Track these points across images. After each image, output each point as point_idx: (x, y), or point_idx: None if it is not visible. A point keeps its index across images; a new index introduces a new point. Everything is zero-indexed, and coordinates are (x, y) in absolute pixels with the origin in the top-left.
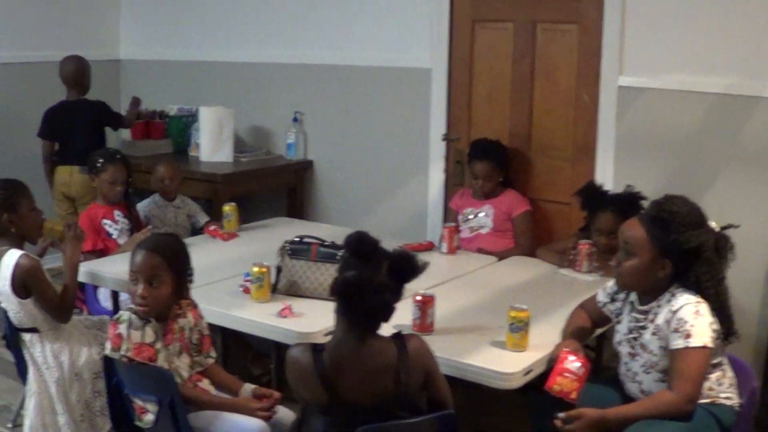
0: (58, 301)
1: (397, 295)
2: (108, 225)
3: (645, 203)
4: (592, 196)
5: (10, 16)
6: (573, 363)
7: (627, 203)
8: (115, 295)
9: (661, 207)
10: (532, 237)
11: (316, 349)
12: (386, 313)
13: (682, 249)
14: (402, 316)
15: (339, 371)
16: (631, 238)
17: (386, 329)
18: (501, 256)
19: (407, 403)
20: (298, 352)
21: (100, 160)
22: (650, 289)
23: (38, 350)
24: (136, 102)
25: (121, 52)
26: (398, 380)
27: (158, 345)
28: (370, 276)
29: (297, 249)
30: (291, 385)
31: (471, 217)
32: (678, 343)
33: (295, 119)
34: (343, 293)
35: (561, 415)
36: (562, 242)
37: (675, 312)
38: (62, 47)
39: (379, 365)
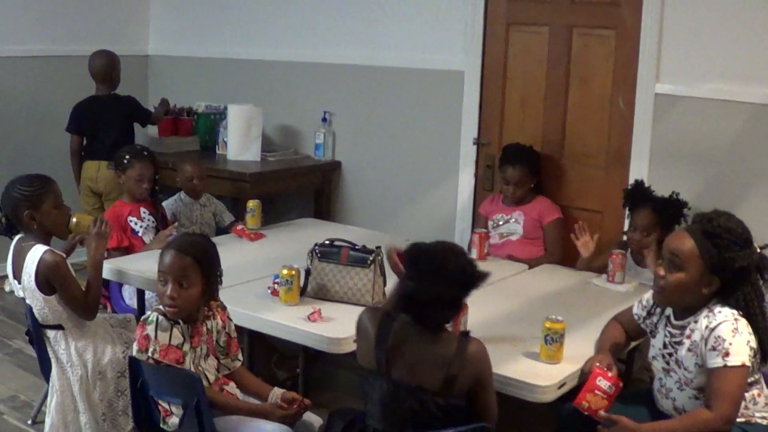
0: (83, 298)
1: (458, 307)
2: (134, 222)
3: (687, 212)
4: (637, 193)
5: (40, 9)
6: (604, 381)
7: (669, 206)
8: (140, 294)
9: (714, 222)
10: (563, 245)
11: (386, 316)
12: (444, 322)
13: (733, 267)
14: None
15: (397, 348)
16: (679, 251)
17: None
18: (531, 263)
19: (448, 399)
20: (367, 317)
21: (127, 157)
22: (690, 305)
23: (62, 348)
24: (164, 103)
25: (149, 48)
26: (448, 374)
27: (186, 347)
28: (430, 291)
29: (327, 252)
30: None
31: (501, 223)
32: (716, 361)
33: (324, 119)
34: (403, 308)
35: (603, 414)
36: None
37: (713, 329)
38: (91, 42)
39: (436, 355)
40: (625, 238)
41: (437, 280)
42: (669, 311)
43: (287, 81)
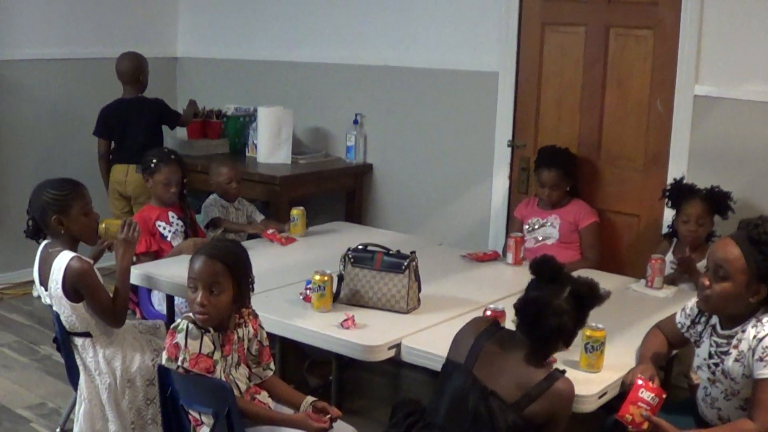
0: (110, 305)
1: (578, 322)
2: (162, 227)
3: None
4: (680, 189)
5: (68, 12)
6: (647, 393)
7: (716, 195)
8: (170, 299)
9: (759, 229)
10: (600, 249)
11: (495, 324)
12: (565, 337)
13: None
14: None
15: (492, 350)
16: (725, 260)
17: None
18: (568, 268)
19: (515, 417)
20: (480, 320)
21: (154, 161)
22: (737, 315)
23: (90, 355)
24: (193, 104)
25: (178, 50)
26: (526, 395)
27: (216, 356)
28: (550, 298)
29: (360, 257)
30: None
31: (537, 227)
32: (763, 372)
33: (356, 121)
34: (522, 311)
35: (645, 414)
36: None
37: (761, 339)
38: (119, 44)
39: (524, 372)
40: (671, 253)
41: (563, 288)
42: (715, 320)
43: (318, 83)
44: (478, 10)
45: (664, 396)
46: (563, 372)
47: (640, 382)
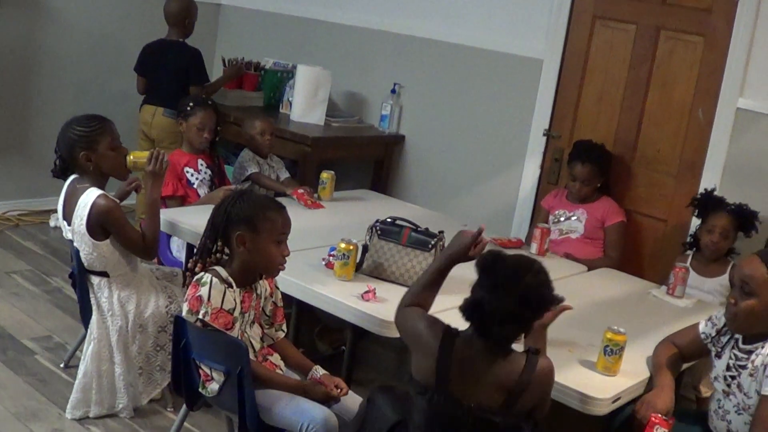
0: (140, 239)
1: (525, 326)
2: (190, 173)
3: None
4: (709, 200)
5: None
6: (661, 429)
7: (744, 212)
8: (189, 248)
9: None
10: (623, 250)
11: (449, 330)
12: (509, 341)
13: None
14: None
15: (460, 365)
16: (751, 277)
17: None
18: (588, 265)
19: (507, 418)
20: (427, 330)
21: (191, 104)
22: (763, 331)
23: (105, 296)
24: (237, 68)
25: None
26: (512, 392)
27: (236, 312)
28: (497, 304)
29: (388, 230)
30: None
31: (562, 219)
32: None
33: (394, 91)
34: (468, 316)
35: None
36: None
37: None
38: None
39: (501, 372)
40: (687, 251)
41: (510, 294)
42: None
43: (360, 47)
44: None
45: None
46: (537, 351)
47: (655, 420)
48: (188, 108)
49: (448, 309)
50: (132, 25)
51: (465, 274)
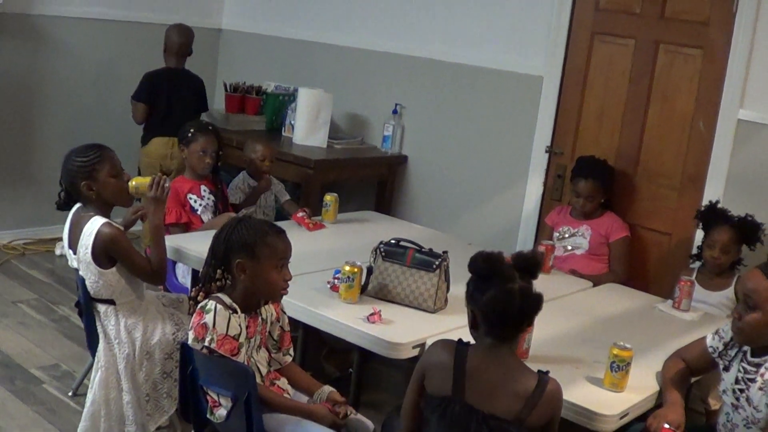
0: (147, 265)
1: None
2: (193, 200)
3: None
4: (713, 213)
5: None
6: None
7: (746, 225)
8: (194, 274)
9: None
10: (628, 264)
11: (461, 344)
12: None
13: None
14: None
15: (475, 372)
16: (753, 291)
17: None
18: (594, 280)
19: (520, 430)
20: (440, 349)
21: (191, 130)
22: None
23: (112, 323)
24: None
25: (223, 22)
26: (525, 407)
27: (242, 338)
28: (511, 286)
29: (392, 252)
30: (419, 370)
31: (567, 235)
32: None
33: (395, 111)
34: (495, 311)
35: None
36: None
37: None
38: (166, 10)
39: (515, 386)
40: (692, 264)
41: (511, 274)
42: (746, 347)
43: (361, 69)
44: (529, 13)
45: None
46: (547, 372)
47: (666, 430)
48: (189, 134)
49: (459, 327)
50: (131, 53)
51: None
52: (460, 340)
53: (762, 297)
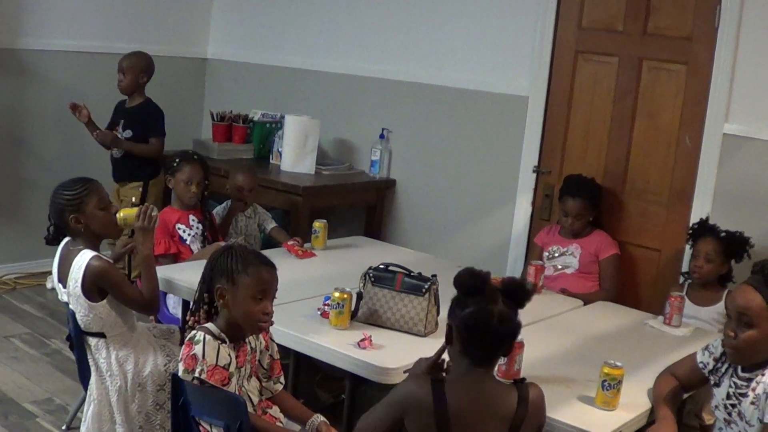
0: (140, 296)
1: (518, 324)
2: (182, 230)
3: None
4: (702, 227)
5: (103, 5)
6: None
7: (733, 239)
8: (185, 304)
9: None
10: (618, 282)
11: (434, 381)
12: (511, 343)
13: None
14: None
15: (458, 410)
16: (747, 307)
17: None
18: (585, 299)
19: None
20: (415, 386)
21: (177, 160)
22: (762, 359)
23: (103, 356)
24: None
25: (209, 51)
26: (512, 427)
27: (232, 368)
28: (492, 307)
29: (381, 277)
30: (397, 409)
31: (557, 255)
32: None
33: (382, 136)
34: (470, 328)
35: None
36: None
37: None
38: (151, 41)
39: (500, 411)
40: (681, 280)
41: (494, 297)
42: None
43: (347, 94)
44: (512, 34)
45: None
46: (524, 380)
47: None
48: (174, 164)
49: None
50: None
51: None
52: (432, 379)
53: (756, 314)
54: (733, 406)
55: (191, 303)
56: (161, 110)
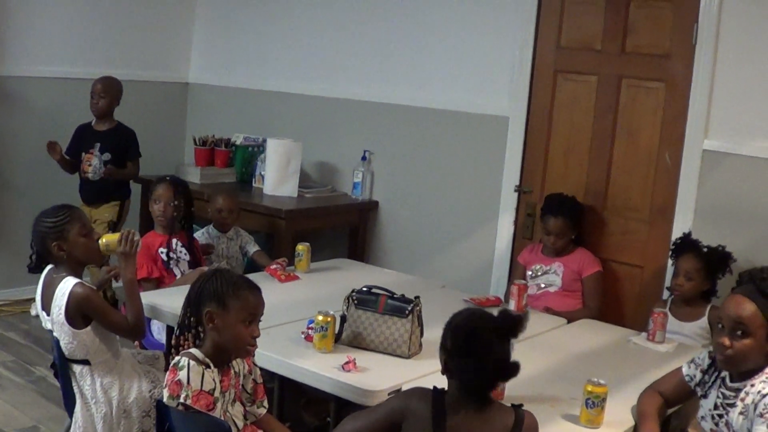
0: (124, 321)
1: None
2: (164, 254)
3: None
4: (684, 243)
5: (83, 32)
6: None
7: (714, 254)
8: (169, 330)
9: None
10: (602, 299)
11: (435, 397)
12: (506, 372)
13: None
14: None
15: (455, 427)
16: (743, 317)
17: None
18: (568, 317)
19: None
20: (417, 398)
21: (153, 182)
22: (752, 368)
23: (88, 383)
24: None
25: (190, 76)
26: None
27: (216, 393)
28: (488, 361)
29: (364, 299)
30: (396, 411)
31: (540, 273)
32: (760, 429)
33: (364, 158)
34: (467, 379)
35: None
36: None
37: (765, 395)
38: (132, 66)
39: (496, 430)
40: (666, 296)
41: (481, 362)
42: (725, 372)
43: (328, 117)
44: (492, 55)
45: None
46: (521, 406)
47: None
48: (150, 187)
49: (435, 372)
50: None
51: None
52: (434, 387)
53: (752, 323)
54: (720, 416)
55: (175, 327)
56: (134, 132)
